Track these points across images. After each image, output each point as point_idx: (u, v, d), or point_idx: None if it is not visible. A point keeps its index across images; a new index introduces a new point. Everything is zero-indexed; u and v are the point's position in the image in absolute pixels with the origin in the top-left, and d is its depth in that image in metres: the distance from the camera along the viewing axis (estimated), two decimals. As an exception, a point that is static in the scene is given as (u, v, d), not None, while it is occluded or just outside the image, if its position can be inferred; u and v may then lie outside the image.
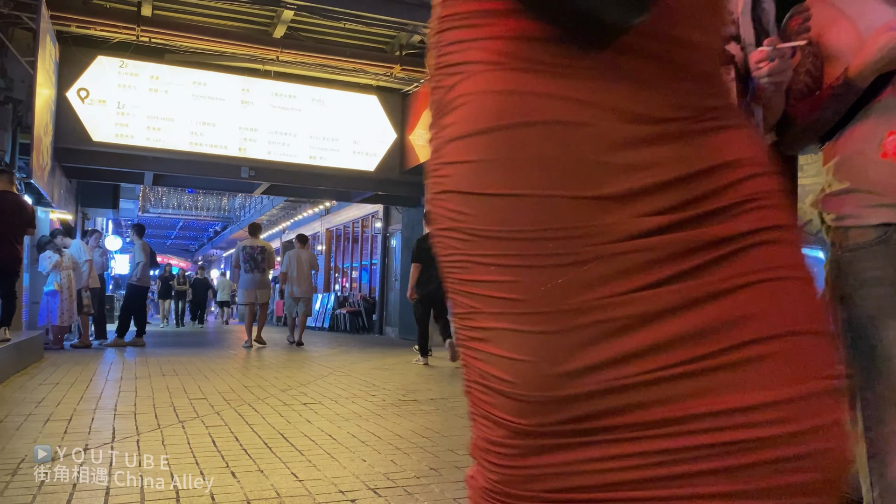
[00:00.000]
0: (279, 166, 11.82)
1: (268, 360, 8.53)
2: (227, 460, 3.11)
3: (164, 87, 10.93)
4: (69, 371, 6.59)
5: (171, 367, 7.15)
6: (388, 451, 3.39)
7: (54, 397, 4.90)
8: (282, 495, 2.57)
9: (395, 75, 11.81)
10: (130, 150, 10.86)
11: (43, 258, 8.99)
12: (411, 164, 12.03)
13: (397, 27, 10.99)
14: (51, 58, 9.26)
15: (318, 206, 20.72)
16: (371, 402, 5.06)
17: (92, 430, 3.77)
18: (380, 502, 2.51)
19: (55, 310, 8.96)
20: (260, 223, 12.44)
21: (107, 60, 10.60)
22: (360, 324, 15.88)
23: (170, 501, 2.47)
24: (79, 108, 10.42)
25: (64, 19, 9.66)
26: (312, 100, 11.91)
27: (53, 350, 8.86)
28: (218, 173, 12.13)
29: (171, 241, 42.63)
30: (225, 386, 5.73)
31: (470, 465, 1.09)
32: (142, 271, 10.31)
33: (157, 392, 5.28)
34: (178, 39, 10.57)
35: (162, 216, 31.54)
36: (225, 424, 3.99)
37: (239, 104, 11.39)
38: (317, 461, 3.13)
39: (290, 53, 11.06)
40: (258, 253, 10.14)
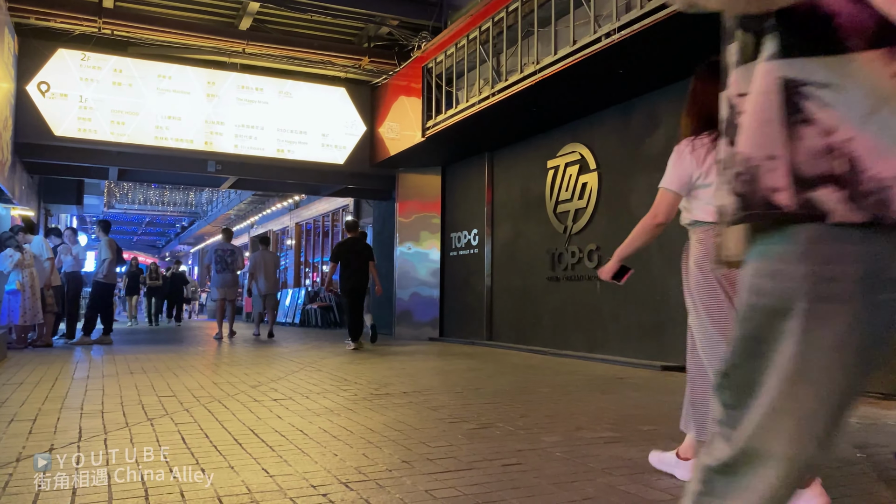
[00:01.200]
0: (246, 160, 11.70)
1: (238, 357, 8.45)
2: (196, 457, 3.07)
3: (127, 81, 10.74)
4: (33, 370, 6.46)
5: (139, 365, 7.05)
6: (360, 444, 3.39)
7: (18, 397, 4.80)
8: (252, 491, 2.55)
9: (363, 67, 11.75)
10: (94, 144, 10.65)
11: (3, 256, 8.78)
12: (381, 157, 11.99)
13: (365, 19, 10.94)
14: (9, 50, 9.04)
15: (287, 200, 20.55)
16: (343, 396, 5.04)
17: (58, 429, 3.70)
18: (352, 496, 2.50)
19: (17, 309, 8.76)
20: (231, 229, 13.28)
21: (68, 53, 10.38)
22: (332, 318, 15.80)
23: (139, 499, 2.44)
24: (39, 102, 10.18)
25: (23, 11, 9.45)
26: (280, 92, 11.79)
27: (17, 349, 8.68)
28: (184, 167, 11.96)
29: (138, 238, 42.00)
30: (194, 383, 5.67)
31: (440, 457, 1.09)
32: (108, 268, 10.14)
33: (125, 390, 5.20)
34: (141, 32, 10.40)
35: (128, 212, 31.07)
36: (195, 421, 3.95)
37: (205, 97, 11.23)
38: (288, 456, 3.12)
39: (257, 46, 10.94)
40: (228, 255, 11.38)
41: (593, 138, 8.56)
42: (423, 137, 10.33)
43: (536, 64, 7.62)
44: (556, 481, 2.72)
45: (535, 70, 7.61)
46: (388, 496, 2.50)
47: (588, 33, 6.82)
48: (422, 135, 10.36)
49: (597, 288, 8.29)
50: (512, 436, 3.61)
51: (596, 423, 4.01)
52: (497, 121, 9.19)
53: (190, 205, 30.89)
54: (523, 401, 4.92)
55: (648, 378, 6.27)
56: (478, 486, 2.63)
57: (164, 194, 29.94)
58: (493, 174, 10.76)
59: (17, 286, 8.73)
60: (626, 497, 2.52)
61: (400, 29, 11.03)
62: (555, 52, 7.31)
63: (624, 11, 6.35)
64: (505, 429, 3.77)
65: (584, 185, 8.60)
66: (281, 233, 23.34)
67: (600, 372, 6.78)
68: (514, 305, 10.07)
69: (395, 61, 11.58)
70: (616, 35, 6.37)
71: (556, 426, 3.89)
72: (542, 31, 7.72)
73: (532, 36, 7.90)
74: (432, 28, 10.69)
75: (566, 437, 3.60)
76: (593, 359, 7.84)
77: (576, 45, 6.96)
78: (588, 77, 7.37)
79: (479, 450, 3.27)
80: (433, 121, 10.07)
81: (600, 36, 6.60)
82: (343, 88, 12.29)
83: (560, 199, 9.03)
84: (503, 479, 2.76)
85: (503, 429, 3.76)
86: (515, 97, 8.13)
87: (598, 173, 8.40)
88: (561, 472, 2.88)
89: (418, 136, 10.47)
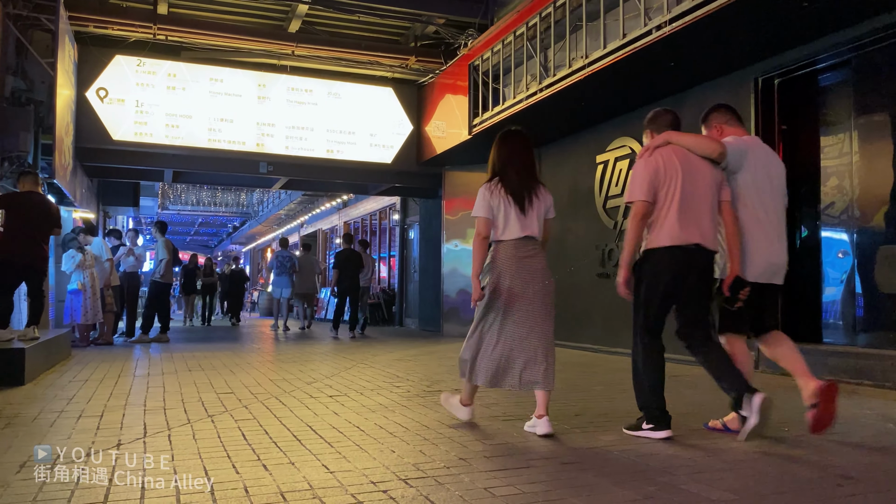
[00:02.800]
0: (297, 161, 11.88)
1: (291, 354, 8.59)
2: (258, 453, 3.14)
3: (181, 85, 11.00)
4: (97, 368, 6.68)
5: (196, 363, 7.22)
6: (416, 441, 3.41)
7: (84, 394, 4.97)
8: (314, 487, 2.59)
9: (410, 67, 11.80)
10: (150, 147, 10.95)
11: (66, 257, 9.10)
12: (428, 156, 12.03)
13: (412, 18, 10.97)
14: (70, 58, 9.34)
15: (335, 200, 20.77)
16: (396, 393, 5.08)
17: (123, 425, 3.82)
18: (411, 493, 2.52)
19: (79, 308, 9.07)
20: (287, 238, 15.90)
21: (124, 59, 10.68)
22: (381, 316, 15.95)
23: (204, 495, 2.50)
24: (98, 108, 10.51)
25: (82, 20, 9.75)
26: (328, 93, 11.94)
27: (80, 348, 8.98)
28: (237, 169, 12.20)
29: (191, 238, 42.94)
30: (251, 380, 5.79)
31: (497, 455, 1.09)
32: (165, 268, 10.42)
33: (184, 387, 5.34)
34: (193, 36, 10.63)
35: (181, 213, 31.78)
36: (253, 418, 4.03)
37: (256, 100, 11.44)
38: (346, 452, 3.16)
39: (306, 48, 11.09)
40: (287, 261, 13.48)
41: (643, 132, 8.42)
42: (470, 135, 10.33)
43: (585, 58, 7.54)
44: (616, 480, 2.69)
45: (584, 64, 7.54)
46: (447, 493, 2.51)
47: (638, 26, 6.72)
48: (468, 132, 10.35)
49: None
50: (568, 434, 3.59)
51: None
52: (544, 117, 9.13)
53: (241, 205, 31.49)
54: (577, 399, 4.89)
55: (703, 376, 6.11)
56: (537, 485, 2.62)
57: (217, 195, 30.56)
58: (540, 170, 10.68)
59: (79, 286, 9.04)
60: (688, 496, 2.48)
61: (446, 27, 11.04)
62: (604, 46, 7.22)
63: (675, 3, 6.23)
64: (560, 427, 3.75)
65: (634, 180, 8.47)
66: (330, 231, 23.60)
67: (654, 369, 6.68)
68: (562, 302, 9.94)
69: (441, 60, 11.60)
70: (667, 27, 6.26)
71: (613, 424, 3.85)
72: (590, 26, 7.64)
73: (580, 30, 7.82)
74: (478, 25, 10.67)
75: (623, 435, 3.56)
76: (646, 356, 7.72)
77: (626, 38, 6.87)
78: (638, 70, 7.27)
79: (535, 448, 3.26)
80: (480, 118, 10.05)
81: (651, 28, 6.49)
82: (390, 88, 12.36)
83: (610, 194, 8.93)
84: (562, 477, 2.75)
85: (558, 427, 3.74)
86: (563, 92, 8.07)
87: (648, 168, 8.26)
88: (620, 470, 2.86)
89: (465, 134, 10.47)
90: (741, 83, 6.99)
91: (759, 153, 3.79)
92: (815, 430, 3.39)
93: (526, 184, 3.77)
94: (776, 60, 6.62)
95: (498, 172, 3.82)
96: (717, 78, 7.25)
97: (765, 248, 3.65)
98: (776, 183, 3.78)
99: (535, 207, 3.74)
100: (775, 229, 3.72)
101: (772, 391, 5.26)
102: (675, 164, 3.62)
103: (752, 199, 3.68)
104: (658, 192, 3.58)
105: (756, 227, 3.66)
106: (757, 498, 2.48)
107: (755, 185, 3.69)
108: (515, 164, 3.81)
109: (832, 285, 6.44)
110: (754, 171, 3.70)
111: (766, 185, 3.72)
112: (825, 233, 6.52)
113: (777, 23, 5.92)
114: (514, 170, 3.79)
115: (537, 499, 2.45)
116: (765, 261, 3.65)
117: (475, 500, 2.44)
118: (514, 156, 3.83)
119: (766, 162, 3.78)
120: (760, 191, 3.70)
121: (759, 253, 3.64)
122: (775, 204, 3.75)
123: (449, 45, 11.42)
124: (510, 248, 3.72)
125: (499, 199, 3.72)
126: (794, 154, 6.75)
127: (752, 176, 3.69)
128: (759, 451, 3.21)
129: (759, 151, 3.80)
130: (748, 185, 3.69)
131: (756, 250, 3.63)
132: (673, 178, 3.58)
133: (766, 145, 3.96)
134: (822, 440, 3.42)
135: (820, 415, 3.36)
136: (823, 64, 6.40)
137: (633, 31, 6.77)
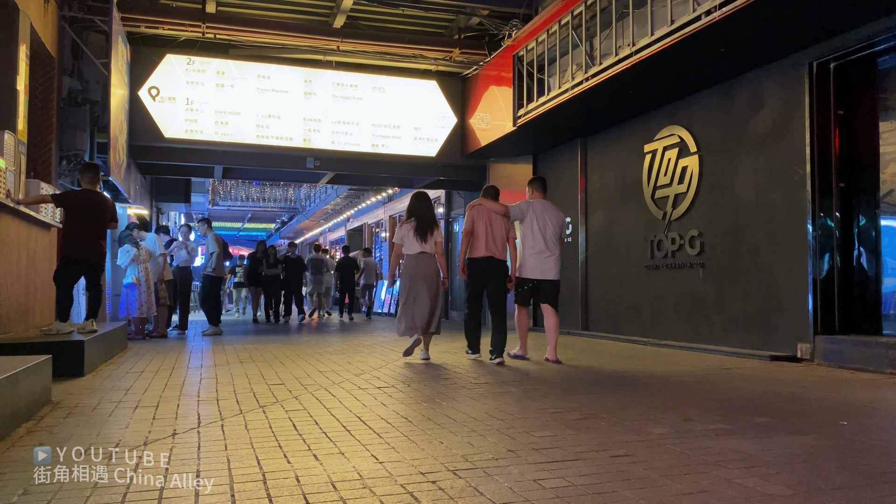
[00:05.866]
0: (343, 155, 11.99)
1: (339, 346, 8.68)
2: (308, 443, 3.18)
3: (229, 82, 11.19)
4: (152, 360, 6.86)
5: (247, 355, 7.36)
6: (464, 433, 3.41)
7: (140, 385, 5.11)
8: (364, 477, 2.61)
9: (454, 59, 11.78)
10: (200, 144, 11.19)
11: (122, 252, 9.36)
12: (472, 149, 12.00)
13: (455, 10, 10.95)
14: (123, 58, 9.59)
15: (381, 194, 20.90)
16: (442, 384, 5.09)
17: (178, 415, 3.92)
18: (460, 484, 2.52)
19: (134, 302, 9.34)
20: (321, 244, 20.30)
21: (175, 58, 10.92)
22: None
23: (257, 482, 2.54)
24: (150, 106, 10.77)
25: (134, 20, 9.99)
26: (373, 88, 12.01)
27: (136, 340, 9.24)
28: (284, 164, 12.39)
29: (241, 232, 43.72)
30: (301, 371, 5.87)
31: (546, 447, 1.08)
32: (216, 261, 10.63)
33: (236, 378, 5.44)
34: (241, 34, 10.80)
35: (231, 209, 32.39)
36: (304, 409, 4.09)
37: (302, 95, 11.57)
38: (395, 443, 3.17)
39: (351, 42, 11.17)
40: (320, 263, 16.77)
41: (692, 120, 8.27)
42: (515, 126, 10.27)
43: (632, 46, 7.41)
44: (668, 473, 2.65)
45: (631, 52, 7.42)
46: (496, 485, 2.50)
47: (686, 12, 6.58)
48: (513, 124, 10.29)
49: (699, 275, 8.02)
50: (617, 426, 3.55)
51: (705, 414, 3.88)
52: (590, 106, 9.02)
53: (289, 200, 31.96)
54: (625, 391, 4.82)
55: (756, 368, 6.02)
56: (587, 477, 2.60)
57: (265, 190, 31.08)
58: (586, 161, 10.57)
59: (134, 280, 9.29)
60: (743, 490, 2.43)
61: (490, 18, 10.98)
62: (651, 33, 7.09)
63: (725, -13, 6.09)
64: (609, 419, 3.70)
65: (683, 168, 8.32)
66: (375, 226, 23.77)
67: (704, 362, 6.56)
68: (610, 294, 9.88)
69: (485, 51, 11.55)
70: (717, 13, 6.11)
71: (663, 417, 3.79)
72: (637, 13, 7.51)
73: (627, 17, 7.70)
74: (522, 16, 10.59)
75: (674, 428, 3.50)
76: (696, 349, 7.60)
77: (674, 24, 6.73)
78: (686, 57, 7.12)
79: (584, 440, 3.23)
80: (524, 109, 9.98)
81: (700, 14, 6.35)
82: (434, 81, 12.37)
83: (658, 184, 8.78)
84: (612, 470, 2.71)
85: (607, 419, 3.70)
86: (610, 81, 7.95)
87: (698, 156, 8.11)
88: (672, 464, 2.81)
89: (509, 126, 10.42)
90: (795, 68, 6.79)
91: (538, 207, 6.65)
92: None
93: (427, 226, 6.73)
94: (832, 44, 6.41)
95: (412, 216, 6.79)
96: (770, 63, 7.06)
97: (535, 260, 6.60)
98: (551, 223, 6.63)
99: (427, 239, 6.65)
100: (546, 251, 6.59)
101: (825, 384, 5.13)
102: (484, 212, 6.64)
103: (528, 234, 6.64)
104: (476, 226, 6.61)
105: (531, 249, 6.62)
106: (814, 492, 2.41)
107: (531, 226, 6.62)
108: (419, 214, 6.77)
109: (892, 276, 6.22)
110: (531, 218, 6.62)
111: (541, 225, 6.60)
112: (885, 221, 6.30)
113: (832, 4, 5.72)
114: (418, 217, 6.75)
115: (587, 491, 2.42)
116: (536, 267, 6.61)
117: (525, 491, 2.42)
118: (417, 210, 6.81)
119: (542, 212, 6.63)
120: (535, 229, 6.60)
121: (531, 262, 6.62)
122: (547, 236, 6.59)
123: (493, 37, 11.36)
124: (412, 257, 6.74)
125: (408, 230, 6.72)
126: (851, 140, 6.54)
127: (531, 220, 6.62)
128: (815, 446, 3.12)
129: (537, 206, 6.66)
130: (527, 226, 6.66)
131: (530, 261, 6.64)
132: (483, 220, 6.60)
133: (547, 201, 6.81)
134: (869, 434, 3.30)
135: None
136: (882, 46, 6.16)
137: (682, 16, 6.63)
